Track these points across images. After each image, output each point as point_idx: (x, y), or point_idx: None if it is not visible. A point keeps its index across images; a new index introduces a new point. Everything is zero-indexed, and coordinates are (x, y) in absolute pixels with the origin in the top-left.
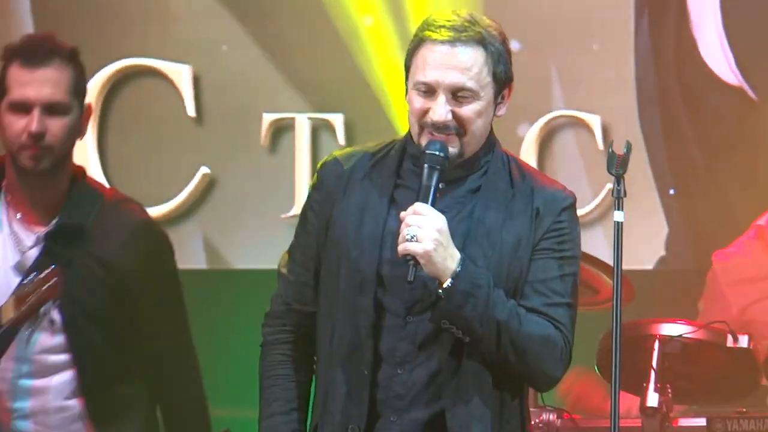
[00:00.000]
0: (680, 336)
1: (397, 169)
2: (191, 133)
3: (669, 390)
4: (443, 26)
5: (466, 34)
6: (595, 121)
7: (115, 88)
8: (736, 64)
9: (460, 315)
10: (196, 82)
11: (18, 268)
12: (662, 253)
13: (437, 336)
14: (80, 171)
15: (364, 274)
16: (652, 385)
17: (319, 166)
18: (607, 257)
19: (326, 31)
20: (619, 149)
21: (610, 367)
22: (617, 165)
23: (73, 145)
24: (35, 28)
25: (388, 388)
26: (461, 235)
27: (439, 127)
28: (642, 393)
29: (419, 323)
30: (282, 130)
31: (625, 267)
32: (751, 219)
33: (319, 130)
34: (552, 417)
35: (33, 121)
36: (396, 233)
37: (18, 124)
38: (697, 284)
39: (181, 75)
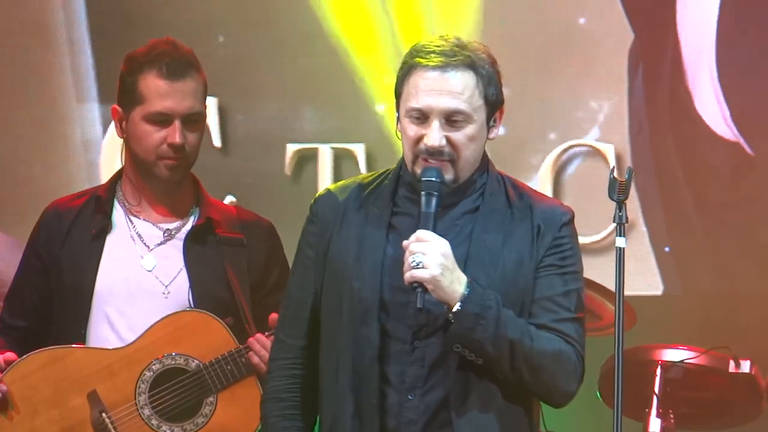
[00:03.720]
0: (682, 361)
1: (393, 197)
2: (218, 162)
3: (671, 416)
4: (432, 52)
5: (455, 58)
6: (609, 151)
7: None
8: (731, 118)
9: (471, 337)
10: (222, 113)
11: (145, 265)
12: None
13: (446, 359)
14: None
15: (368, 303)
16: (654, 411)
17: (312, 200)
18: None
19: (349, 72)
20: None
21: (613, 392)
22: (618, 191)
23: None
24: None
25: (400, 415)
26: (461, 257)
27: (433, 153)
28: (644, 419)
29: (426, 348)
30: (305, 160)
31: (627, 293)
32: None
33: (341, 159)
34: None
35: (176, 133)
36: (396, 260)
37: (157, 134)
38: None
39: (207, 106)
